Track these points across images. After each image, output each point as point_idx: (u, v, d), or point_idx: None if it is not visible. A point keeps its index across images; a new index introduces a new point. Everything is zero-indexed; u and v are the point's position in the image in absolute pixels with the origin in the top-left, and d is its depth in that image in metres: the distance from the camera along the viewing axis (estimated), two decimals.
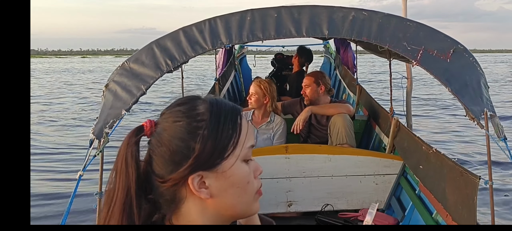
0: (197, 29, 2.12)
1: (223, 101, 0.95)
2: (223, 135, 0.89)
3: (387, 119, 3.96)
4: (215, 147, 0.88)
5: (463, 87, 2.00)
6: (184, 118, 0.89)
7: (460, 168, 2.37)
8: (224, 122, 0.90)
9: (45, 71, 40.63)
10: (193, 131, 0.88)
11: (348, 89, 6.25)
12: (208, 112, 0.90)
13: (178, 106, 0.92)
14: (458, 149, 8.10)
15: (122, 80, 2.08)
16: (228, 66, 6.57)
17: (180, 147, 0.88)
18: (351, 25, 2.10)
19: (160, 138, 0.90)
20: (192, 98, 0.94)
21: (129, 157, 0.88)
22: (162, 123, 0.92)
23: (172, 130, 0.89)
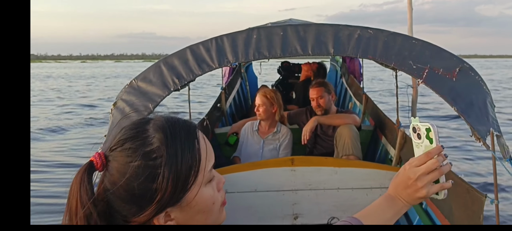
0: (204, 47, 2.14)
1: (177, 125, 0.88)
2: (183, 168, 0.84)
3: (393, 130, 3.96)
4: (176, 183, 0.83)
5: (469, 107, 2.00)
6: (138, 158, 0.82)
7: (466, 185, 2.37)
8: (182, 153, 0.84)
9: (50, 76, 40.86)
10: (150, 172, 0.82)
11: (354, 98, 6.25)
12: (164, 146, 0.83)
13: (129, 142, 0.84)
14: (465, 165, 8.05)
15: (130, 98, 2.10)
16: (234, 74, 6.60)
17: (140, 190, 0.82)
18: (357, 44, 2.11)
19: (114, 179, 0.83)
20: (142, 129, 0.86)
21: (84, 199, 0.82)
22: (113, 160, 0.84)
23: (127, 171, 0.82)
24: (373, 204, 1.10)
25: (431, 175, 1.00)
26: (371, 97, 5.43)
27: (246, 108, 6.85)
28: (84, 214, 0.81)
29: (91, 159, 0.85)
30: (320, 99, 4.12)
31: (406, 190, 1.04)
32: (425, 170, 1.00)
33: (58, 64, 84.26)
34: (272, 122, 4.23)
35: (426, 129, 1.00)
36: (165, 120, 0.88)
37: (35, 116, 13.53)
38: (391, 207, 1.08)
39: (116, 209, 0.84)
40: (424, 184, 1.01)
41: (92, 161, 0.85)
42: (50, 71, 49.75)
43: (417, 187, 1.02)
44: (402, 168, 1.06)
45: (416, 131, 1.02)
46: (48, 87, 26.74)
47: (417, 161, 1.02)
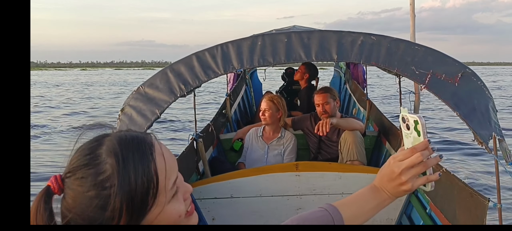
0: (210, 54, 2.19)
1: (130, 146, 0.84)
2: (137, 193, 0.81)
3: (397, 135, 3.98)
4: (132, 210, 0.81)
5: (472, 112, 2.03)
6: (92, 188, 0.80)
7: (470, 189, 2.39)
8: (136, 178, 0.81)
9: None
10: (103, 201, 0.80)
11: (358, 104, 6.27)
12: (116, 172, 0.80)
13: (82, 171, 0.82)
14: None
15: (137, 104, 2.14)
16: (239, 80, 6.64)
17: (95, 218, 0.81)
18: (360, 50, 2.14)
19: (70, 207, 0.82)
20: (94, 155, 0.83)
21: (44, 221, 0.81)
22: (68, 188, 0.83)
23: (80, 199, 0.81)
24: (356, 193, 1.09)
25: (415, 169, 1.00)
26: (374, 104, 5.45)
27: (251, 115, 6.89)
28: None
29: (48, 183, 0.84)
30: (326, 106, 4.12)
31: (390, 183, 1.04)
32: (409, 164, 1.00)
33: (61, 72, 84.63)
34: (276, 127, 4.27)
35: (414, 121, 1.00)
36: (118, 142, 0.84)
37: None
38: (375, 198, 1.07)
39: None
40: (408, 178, 1.01)
41: (49, 185, 0.83)
42: (58, 79, 49.95)
43: (401, 181, 1.02)
44: (388, 160, 1.06)
45: (405, 122, 1.02)
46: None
47: (402, 155, 1.02)
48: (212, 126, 4.45)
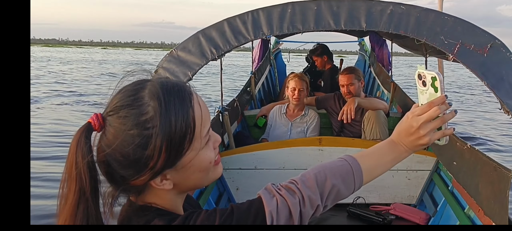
0: (241, 20, 2.25)
1: (172, 92, 0.88)
2: (176, 136, 0.86)
3: None
4: (170, 151, 0.86)
5: (499, 82, 2.03)
6: (134, 127, 0.85)
7: (494, 163, 2.40)
8: (176, 122, 0.86)
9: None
10: (144, 141, 0.85)
11: (382, 86, 6.25)
12: (158, 114, 0.85)
13: (124, 110, 0.86)
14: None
15: (170, 66, 2.23)
16: (263, 60, 6.69)
17: (134, 156, 0.85)
18: (389, 19, 2.17)
19: (111, 143, 0.86)
20: (138, 97, 0.87)
21: (79, 159, 0.85)
22: (110, 125, 0.87)
23: (122, 137, 0.85)
24: (374, 146, 1.12)
25: (434, 123, 1.03)
26: (399, 86, 5.43)
27: (274, 94, 6.94)
28: (76, 173, 0.84)
29: (89, 120, 0.87)
30: (351, 86, 4.13)
31: (408, 137, 1.06)
32: (427, 118, 1.02)
33: (80, 50, 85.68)
34: (300, 106, 4.31)
35: (431, 78, 1.02)
36: (160, 87, 0.88)
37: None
38: (392, 151, 1.10)
39: (115, 169, 0.87)
40: (427, 132, 1.03)
41: (90, 122, 0.87)
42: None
43: (419, 134, 1.04)
44: (405, 116, 1.08)
45: (422, 78, 1.04)
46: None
47: (420, 110, 1.04)
48: (237, 102, 4.53)
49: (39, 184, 5.57)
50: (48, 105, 12.52)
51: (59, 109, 11.89)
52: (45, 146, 7.51)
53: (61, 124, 9.60)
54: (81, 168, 0.84)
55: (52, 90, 15.58)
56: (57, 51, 68.08)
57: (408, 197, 3.48)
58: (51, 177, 5.73)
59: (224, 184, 3.57)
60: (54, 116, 10.81)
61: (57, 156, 6.69)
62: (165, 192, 0.92)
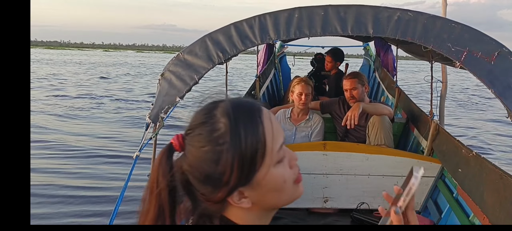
0: (247, 24, 2.25)
1: (241, 109, 0.90)
2: (247, 152, 0.87)
3: (426, 122, 3.97)
4: (242, 167, 0.87)
5: (506, 89, 2.03)
6: (207, 144, 0.88)
7: (499, 171, 2.39)
8: (246, 137, 0.88)
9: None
10: (217, 156, 0.87)
11: (387, 91, 6.24)
12: (228, 130, 0.87)
13: (199, 128, 0.90)
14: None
15: (177, 70, 2.23)
16: (268, 64, 6.70)
17: (210, 172, 0.88)
18: (396, 25, 2.16)
19: (190, 162, 0.90)
20: (210, 115, 0.90)
21: (160, 178, 0.89)
22: (189, 144, 0.91)
23: (198, 154, 0.89)
24: None
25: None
26: (404, 91, 5.42)
27: (279, 98, 6.94)
28: (157, 191, 0.89)
29: (171, 141, 0.91)
30: (354, 91, 4.12)
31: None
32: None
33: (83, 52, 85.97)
34: (305, 110, 4.31)
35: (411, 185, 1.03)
36: (231, 104, 0.90)
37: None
38: None
39: (195, 187, 0.91)
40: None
41: (172, 143, 0.92)
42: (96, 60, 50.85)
43: None
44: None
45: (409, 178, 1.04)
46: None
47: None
48: None
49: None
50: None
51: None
52: None
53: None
54: (161, 186, 0.89)
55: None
56: (58, 54, 68.34)
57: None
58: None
59: None
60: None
61: None
62: (246, 211, 0.93)
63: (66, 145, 7.89)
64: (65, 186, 5.80)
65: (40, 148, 7.51)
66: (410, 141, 4.51)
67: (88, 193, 5.61)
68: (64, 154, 7.33)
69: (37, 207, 4.99)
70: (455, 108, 15.13)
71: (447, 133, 3.45)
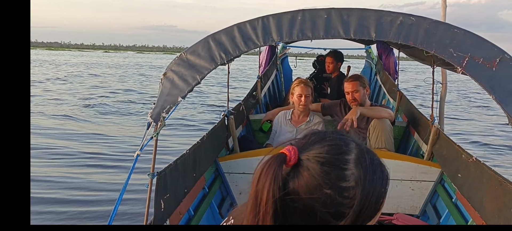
0: (251, 25, 2.26)
1: (377, 167, 0.85)
2: (365, 215, 0.82)
3: (426, 126, 3.97)
4: (355, 221, 0.81)
5: (508, 96, 2.03)
6: (331, 188, 0.80)
7: (499, 177, 2.39)
8: (371, 199, 0.82)
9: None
10: (337, 210, 0.80)
11: (388, 95, 6.25)
12: (359, 189, 0.81)
13: (328, 166, 0.81)
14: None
15: (179, 70, 2.24)
16: (270, 65, 6.71)
17: (319, 217, 0.80)
18: (399, 29, 2.17)
19: (300, 190, 0.81)
20: (343, 159, 0.82)
21: (277, 194, 0.79)
22: (307, 168, 0.81)
23: (315, 192, 0.80)
24: None
25: None
26: (405, 95, 5.42)
27: (280, 99, 6.95)
28: (272, 209, 0.79)
29: (284, 152, 0.82)
30: (355, 93, 4.14)
31: None
32: None
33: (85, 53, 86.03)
34: (306, 112, 4.32)
35: None
36: (368, 156, 0.84)
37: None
38: None
39: (287, 216, 0.81)
40: None
41: (286, 155, 0.82)
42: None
43: None
44: None
45: None
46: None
47: None
48: (243, 106, 4.54)
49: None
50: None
51: None
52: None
53: None
54: (279, 204, 0.79)
55: None
56: (58, 55, 68.30)
57: (411, 208, 3.48)
58: None
59: (227, 188, 3.57)
60: None
61: None
62: None
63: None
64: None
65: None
66: (411, 145, 4.51)
67: (83, 194, 5.61)
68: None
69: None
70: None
71: (448, 138, 3.45)
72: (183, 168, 2.69)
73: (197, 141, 3.06)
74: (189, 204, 2.80)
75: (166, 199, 2.37)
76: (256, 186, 0.81)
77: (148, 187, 2.20)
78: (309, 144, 0.84)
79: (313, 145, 0.84)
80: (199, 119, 11.07)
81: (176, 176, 2.58)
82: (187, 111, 11.83)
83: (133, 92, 17.24)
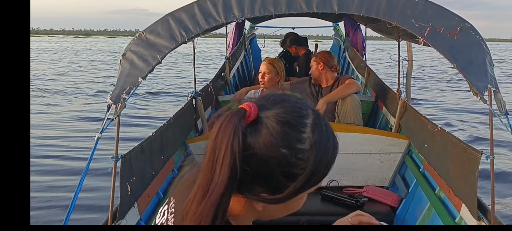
0: (211, 2, 2.20)
1: (330, 134, 0.86)
2: (313, 181, 0.83)
3: (394, 99, 4.02)
4: (303, 187, 0.83)
5: (469, 64, 2.06)
6: (286, 148, 0.80)
7: (463, 145, 2.44)
8: (320, 165, 0.83)
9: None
10: (288, 169, 0.81)
11: (357, 71, 6.30)
12: (313, 151, 0.82)
13: (287, 126, 0.82)
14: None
15: (139, 50, 2.17)
16: (238, 46, 6.63)
17: (271, 175, 0.81)
18: (361, 2, 2.16)
19: (258, 145, 0.80)
20: (302, 122, 0.83)
21: (236, 148, 0.78)
22: (266, 125, 0.81)
23: (272, 148, 0.80)
24: None
25: None
26: (373, 70, 5.48)
27: (249, 80, 6.91)
28: (230, 164, 0.78)
29: (244, 107, 0.82)
30: (311, 68, 4.29)
31: None
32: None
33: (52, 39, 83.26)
34: (274, 91, 4.30)
35: None
36: (324, 123, 0.86)
37: None
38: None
39: (245, 172, 0.81)
40: None
41: (246, 110, 0.82)
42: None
43: None
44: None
45: None
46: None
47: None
48: (211, 87, 4.48)
49: None
50: None
51: None
52: None
53: None
54: (239, 158, 0.78)
55: None
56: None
57: (381, 179, 3.53)
58: None
59: None
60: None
61: None
62: (248, 209, 0.87)
63: None
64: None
65: None
66: (379, 119, 4.57)
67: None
68: None
69: None
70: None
71: (414, 110, 3.50)
72: (149, 150, 2.63)
73: (164, 123, 2.99)
74: (157, 187, 2.75)
75: (133, 182, 2.32)
76: (215, 140, 0.80)
77: (112, 170, 2.13)
78: (269, 104, 0.84)
79: (272, 105, 0.84)
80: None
81: (142, 158, 2.52)
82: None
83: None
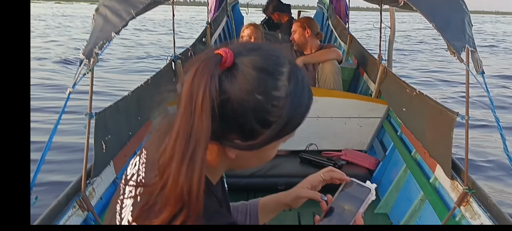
0: None
1: (306, 85, 0.86)
2: (287, 129, 0.83)
3: (375, 66, 4.02)
4: (276, 136, 0.83)
5: (447, 24, 2.05)
6: (262, 94, 0.79)
7: (440, 107, 2.46)
8: (295, 114, 0.83)
9: None
10: (263, 115, 0.80)
11: (339, 39, 6.28)
12: (288, 101, 0.81)
13: (263, 73, 0.80)
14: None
15: (112, 4, 2.09)
16: (220, 11, 6.52)
17: (245, 121, 0.79)
18: None
19: (233, 88, 0.78)
20: (279, 70, 0.82)
21: (214, 93, 0.75)
22: (242, 71, 0.79)
23: (247, 94, 0.78)
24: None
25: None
26: (355, 38, 5.46)
27: None
28: (209, 108, 0.75)
29: (220, 53, 0.79)
30: (294, 34, 4.22)
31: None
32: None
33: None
34: None
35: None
36: (300, 73, 0.85)
37: None
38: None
39: (222, 116, 0.79)
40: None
41: (222, 55, 0.79)
42: None
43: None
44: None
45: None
46: None
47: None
48: (191, 51, 4.41)
49: None
50: None
51: None
52: None
53: None
54: (204, 108, 0.75)
55: None
56: None
57: (359, 143, 3.56)
58: None
59: None
60: None
61: None
62: (221, 158, 0.86)
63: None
64: None
65: None
66: (360, 85, 4.59)
67: None
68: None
69: None
70: None
71: (394, 75, 3.51)
72: (125, 110, 2.59)
73: (140, 84, 2.94)
74: (135, 147, 2.71)
75: (108, 140, 2.28)
76: (191, 85, 0.76)
77: (86, 128, 2.09)
78: (246, 50, 0.83)
79: (249, 52, 0.83)
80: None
81: (118, 117, 2.48)
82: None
83: None
